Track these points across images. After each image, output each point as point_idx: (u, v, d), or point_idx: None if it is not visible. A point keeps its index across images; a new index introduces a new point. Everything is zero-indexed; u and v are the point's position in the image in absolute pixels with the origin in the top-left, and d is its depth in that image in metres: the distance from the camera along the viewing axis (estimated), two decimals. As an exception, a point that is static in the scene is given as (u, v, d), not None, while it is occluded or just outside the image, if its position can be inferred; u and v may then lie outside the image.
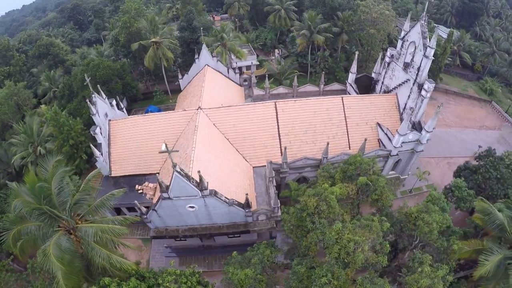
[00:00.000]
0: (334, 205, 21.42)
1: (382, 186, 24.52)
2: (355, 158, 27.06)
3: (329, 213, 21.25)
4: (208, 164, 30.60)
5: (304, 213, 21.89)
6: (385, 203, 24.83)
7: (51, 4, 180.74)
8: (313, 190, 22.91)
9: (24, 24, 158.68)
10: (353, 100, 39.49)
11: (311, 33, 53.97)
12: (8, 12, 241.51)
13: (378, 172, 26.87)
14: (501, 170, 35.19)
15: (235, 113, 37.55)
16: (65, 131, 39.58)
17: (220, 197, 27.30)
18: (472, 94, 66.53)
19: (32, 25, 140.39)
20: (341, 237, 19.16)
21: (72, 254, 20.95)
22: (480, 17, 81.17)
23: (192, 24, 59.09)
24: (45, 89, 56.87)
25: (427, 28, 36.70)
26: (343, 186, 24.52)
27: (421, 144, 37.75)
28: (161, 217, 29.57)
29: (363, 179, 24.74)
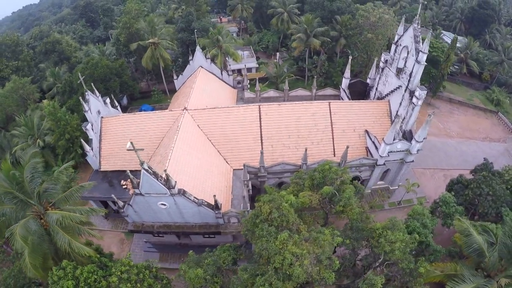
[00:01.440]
0: (287, 213, 20.48)
1: (347, 197, 23.31)
2: (323, 166, 25.87)
3: (281, 221, 20.35)
4: (185, 164, 30.81)
5: (258, 219, 21.13)
6: (350, 215, 23.51)
7: (67, 0, 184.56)
8: (269, 196, 22.09)
9: (40, 19, 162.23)
10: (341, 106, 38.20)
11: (307, 36, 52.87)
12: (26, 6, 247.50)
13: (348, 182, 25.49)
14: (494, 187, 33.19)
15: (219, 115, 37.31)
16: (62, 125, 40.85)
17: (188, 197, 27.40)
18: (478, 104, 63.94)
19: (47, 20, 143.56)
20: (285, 248, 18.18)
21: (40, 237, 22.68)
22: (490, 25, 78.19)
23: (191, 25, 59.11)
24: (50, 84, 58.15)
25: (420, 31, 35.20)
26: (306, 195, 23.58)
27: (411, 154, 36.07)
28: (136, 212, 30.16)
29: (327, 189, 23.68)
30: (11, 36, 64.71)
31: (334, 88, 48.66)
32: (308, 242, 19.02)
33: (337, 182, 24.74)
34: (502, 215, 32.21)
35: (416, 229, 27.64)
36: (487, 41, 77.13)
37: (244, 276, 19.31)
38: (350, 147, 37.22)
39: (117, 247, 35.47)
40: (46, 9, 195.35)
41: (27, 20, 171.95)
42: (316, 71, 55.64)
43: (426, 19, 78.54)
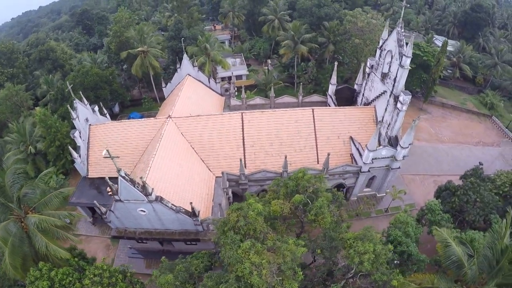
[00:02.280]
0: (253, 222, 20.11)
1: (318, 206, 22.79)
2: (296, 174, 25.33)
3: (248, 229, 20.03)
4: (166, 172, 30.93)
5: (226, 226, 20.87)
6: (322, 224, 22.89)
7: (66, 7, 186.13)
8: (237, 205, 21.84)
9: (39, 25, 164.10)
10: (325, 113, 37.65)
11: (295, 43, 52.61)
12: (25, 12, 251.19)
13: (322, 190, 24.89)
14: (482, 193, 32.34)
15: (202, 122, 37.22)
16: (53, 132, 41.25)
17: (166, 204, 27.41)
18: (471, 108, 63.16)
19: (45, 27, 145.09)
20: (247, 256, 17.85)
21: (21, 239, 24.17)
22: (484, 28, 77.70)
23: (181, 33, 59.21)
24: (43, 91, 58.45)
25: (403, 35, 34.57)
26: (278, 203, 23.08)
27: (397, 160, 35.33)
28: (119, 218, 30.36)
29: (298, 197, 23.22)
30: (6, 44, 65.42)
31: (322, 94, 48.17)
32: (271, 252, 18.58)
33: (309, 190, 24.19)
34: (491, 222, 31.34)
35: (398, 238, 26.88)
36: (480, 44, 76.61)
37: (208, 284, 19.05)
38: (335, 154, 36.84)
39: (103, 253, 35.70)
40: (45, 15, 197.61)
41: (26, 26, 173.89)
42: (305, 77, 55.22)
43: (419, 23, 78.32)
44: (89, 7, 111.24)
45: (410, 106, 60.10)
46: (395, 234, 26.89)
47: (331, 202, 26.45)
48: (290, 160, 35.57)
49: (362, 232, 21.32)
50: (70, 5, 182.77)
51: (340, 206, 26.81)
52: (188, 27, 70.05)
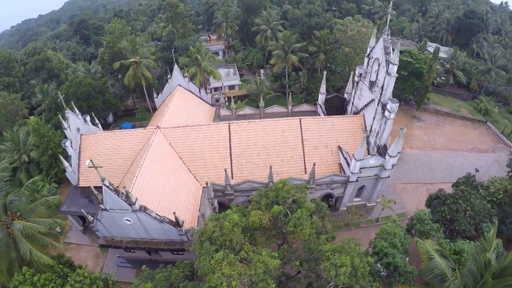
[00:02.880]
0: (228, 232, 20.03)
1: (297, 217, 22.36)
2: (276, 185, 25.04)
3: (223, 240, 19.97)
4: (153, 182, 31.12)
5: (203, 236, 20.84)
6: (301, 236, 22.42)
7: (65, 16, 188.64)
8: (215, 215, 21.91)
9: (38, 34, 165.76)
10: (313, 122, 37.38)
11: (285, 53, 52.66)
12: (25, 21, 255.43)
13: (302, 201, 24.54)
14: (472, 202, 31.73)
15: (190, 133, 37.18)
16: (45, 141, 41.53)
17: (150, 213, 27.60)
18: (466, 114, 62.75)
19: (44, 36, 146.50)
20: (219, 267, 17.85)
21: (7, 244, 25.29)
22: (477, 34, 77.76)
23: (173, 44, 59.57)
24: (39, 101, 59.01)
25: (390, 42, 34.34)
26: (256, 214, 22.86)
27: (386, 169, 34.86)
28: (106, 227, 30.56)
29: (276, 208, 22.91)
30: (3, 53, 66.20)
31: (314, 104, 48.00)
32: (244, 263, 18.43)
33: (289, 201, 23.81)
34: (483, 231, 30.55)
35: (384, 249, 26.29)
36: (474, 50, 76.58)
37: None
38: (323, 164, 36.49)
39: (92, 261, 35.88)
40: (44, 24, 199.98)
41: (26, 34, 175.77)
42: (295, 87, 55.11)
43: (412, 31, 78.47)
44: (87, 17, 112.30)
45: (403, 114, 60.37)
46: (380, 246, 26.31)
47: (315, 213, 26.01)
48: (277, 170, 35.36)
49: (340, 244, 20.82)
50: (69, 14, 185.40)
51: (324, 217, 26.20)
52: (182, 37, 70.59)
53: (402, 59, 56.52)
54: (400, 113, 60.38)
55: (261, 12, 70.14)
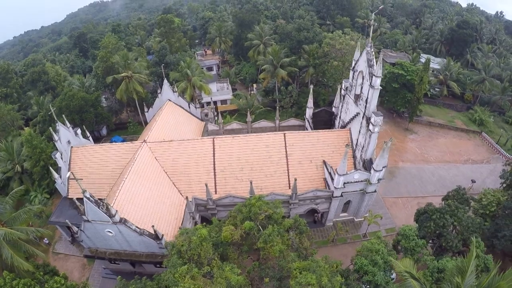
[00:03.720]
0: (196, 247, 20.21)
1: (267, 234, 22.06)
2: (250, 201, 24.88)
3: (192, 254, 20.23)
4: (136, 195, 31.43)
5: (173, 250, 21.19)
6: (271, 252, 22.09)
7: (67, 28, 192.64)
8: (185, 229, 22.32)
9: (39, 45, 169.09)
10: (297, 137, 37.08)
11: (274, 67, 52.89)
12: (27, 31, 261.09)
13: (277, 217, 24.26)
14: (460, 217, 30.77)
15: (175, 147, 37.29)
16: (38, 153, 42.16)
17: (130, 226, 27.80)
18: (460, 125, 62.05)
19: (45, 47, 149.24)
20: (182, 281, 18.21)
21: None
22: (471, 44, 77.64)
23: (164, 59, 60.29)
24: (34, 112, 59.63)
25: (373, 55, 34.09)
26: (228, 229, 22.88)
27: (371, 184, 34.27)
28: (90, 238, 30.80)
29: (247, 224, 22.91)
30: (1, 64, 67.58)
31: (303, 118, 47.83)
32: (207, 278, 18.44)
33: (261, 217, 23.56)
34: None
35: (364, 267, 25.53)
36: (468, 60, 76.32)
37: None
38: (307, 179, 36.07)
39: (78, 272, 36.23)
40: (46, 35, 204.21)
41: (27, 45, 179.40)
42: (285, 101, 55.10)
43: (405, 43, 78.64)
44: (87, 30, 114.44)
45: (396, 127, 59.94)
46: (360, 263, 25.55)
47: (292, 229, 25.54)
48: (261, 185, 35.15)
49: (308, 262, 20.26)
50: (71, 26, 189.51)
51: (302, 233, 25.70)
52: (176, 52, 71.50)
53: (393, 71, 56.67)
54: (393, 126, 60.06)
55: (254, 27, 70.85)
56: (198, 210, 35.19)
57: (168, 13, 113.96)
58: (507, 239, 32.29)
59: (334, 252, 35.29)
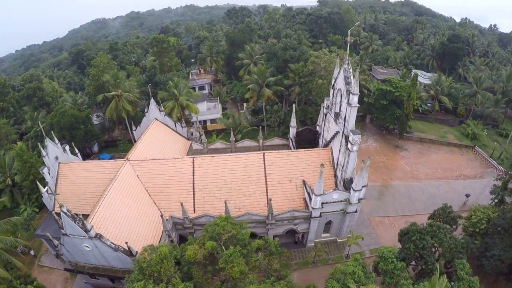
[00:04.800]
0: (155, 264, 21.04)
1: (228, 255, 22.16)
2: (215, 221, 24.89)
3: (152, 271, 21.10)
4: (115, 212, 32.05)
5: (136, 266, 21.84)
6: (231, 273, 22.07)
7: (68, 45, 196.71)
8: (152, 246, 22.88)
9: (40, 60, 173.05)
10: (276, 157, 36.76)
11: (260, 86, 53.22)
12: (29, 46, 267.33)
13: (242, 238, 24.21)
14: (441, 238, 29.52)
15: (156, 166, 37.57)
16: (27, 167, 42.95)
17: (105, 241, 28.27)
18: (452, 140, 61.27)
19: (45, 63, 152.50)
20: None
21: None
22: (462, 58, 77.56)
23: (154, 79, 61.29)
24: (28, 127, 60.67)
25: (351, 72, 33.82)
26: (192, 249, 23.26)
27: (351, 204, 33.56)
28: (69, 252, 31.45)
29: (210, 244, 23.04)
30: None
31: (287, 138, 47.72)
32: None
33: (224, 237, 23.65)
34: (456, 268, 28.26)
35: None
36: (460, 74, 76.09)
37: None
38: (286, 199, 35.59)
39: (61, 285, 36.56)
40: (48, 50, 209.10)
41: (29, 60, 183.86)
42: (271, 120, 55.11)
43: (397, 59, 78.96)
44: (86, 47, 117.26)
45: (386, 144, 59.34)
46: (331, 286, 24.66)
47: (261, 250, 25.49)
48: (239, 205, 34.91)
49: (266, 286, 19.72)
50: (72, 42, 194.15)
51: (271, 254, 25.48)
52: (168, 71, 72.75)
53: (382, 88, 56.62)
54: (383, 143, 59.46)
55: (245, 47, 71.94)
56: (176, 228, 35.17)
57: (165, 32, 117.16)
58: (496, 259, 31.06)
59: (314, 274, 34.34)
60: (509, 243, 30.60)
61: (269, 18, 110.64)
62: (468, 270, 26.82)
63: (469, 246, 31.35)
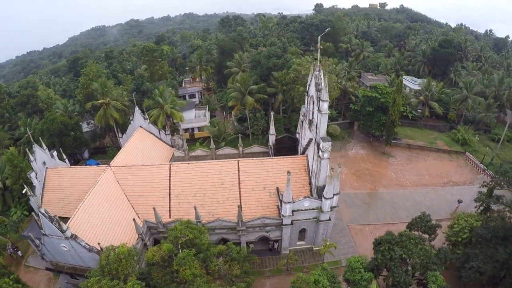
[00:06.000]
0: (112, 262, 22.72)
1: (181, 258, 22.94)
2: (176, 225, 26.14)
3: (110, 269, 22.70)
4: (94, 215, 33.37)
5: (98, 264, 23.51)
6: (184, 276, 22.77)
7: (67, 52, 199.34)
8: (113, 246, 24.36)
9: (39, 66, 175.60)
10: (250, 164, 36.62)
11: (243, 95, 53.37)
12: (30, 52, 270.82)
13: (201, 242, 25.15)
14: (410, 249, 28.16)
15: (135, 172, 38.47)
16: (17, 171, 44.33)
17: (80, 242, 29.57)
18: (442, 146, 60.39)
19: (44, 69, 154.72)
20: None
21: None
22: (454, 63, 76.86)
23: (141, 87, 61.97)
24: (21, 133, 61.88)
25: (322, 79, 33.46)
26: (152, 250, 24.46)
27: (323, 212, 33.11)
28: (50, 252, 33.16)
29: (166, 246, 24.22)
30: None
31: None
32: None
33: (180, 240, 24.54)
34: (428, 282, 27.19)
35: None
36: (452, 79, 75.36)
37: None
38: (260, 206, 35.43)
39: (44, 285, 37.30)
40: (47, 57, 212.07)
41: (28, 66, 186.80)
42: (254, 128, 55.09)
43: (387, 66, 78.67)
44: (83, 55, 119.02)
45: (373, 151, 58.74)
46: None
47: (222, 255, 26.09)
48: (213, 211, 35.12)
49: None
50: (71, 49, 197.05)
51: (232, 260, 25.91)
52: (158, 79, 73.51)
53: (367, 94, 56.34)
54: (370, 150, 58.86)
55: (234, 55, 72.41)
56: (151, 233, 35.85)
57: (161, 40, 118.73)
58: (474, 271, 29.98)
59: (287, 281, 33.40)
60: (490, 255, 29.48)
61: (263, 26, 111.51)
62: (442, 283, 25.32)
63: (448, 257, 30.46)
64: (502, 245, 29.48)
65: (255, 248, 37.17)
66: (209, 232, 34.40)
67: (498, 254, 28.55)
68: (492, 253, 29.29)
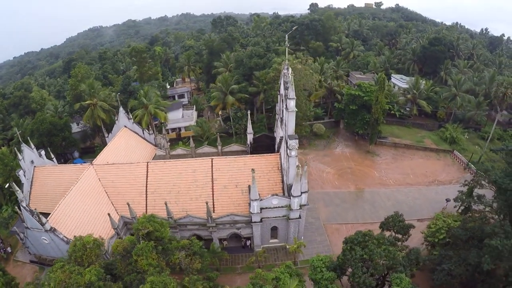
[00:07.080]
0: (78, 249, 24.93)
1: (139, 248, 24.39)
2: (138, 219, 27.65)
3: (76, 256, 24.92)
4: (74, 210, 35.01)
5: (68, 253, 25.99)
6: (141, 266, 24.15)
7: (64, 52, 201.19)
8: (79, 237, 26.10)
9: (36, 67, 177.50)
10: (224, 162, 36.93)
11: (224, 94, 53.57)
12: (27, 53, 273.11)
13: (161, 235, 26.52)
14: (371, 249, 27.33)
15: (114, 170, 39.93)
16: (8, 170, 45.96)
17: (58, 235, 31.35)
18: (429, 145, 59.79)
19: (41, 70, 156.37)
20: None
21: None
22: (444, 61, 76.11)
23: (128, 88, 62.56)
24: (14, 133, 61.99)
25: (289, 77, 33.22)
26: (117, 242, 26.20)
27: (292, 210, 33.04)
28: (33, 245, 35.19)
29: (128, 238, 26.24)
30: None
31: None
32: None
33: (141, 233, 25.77)
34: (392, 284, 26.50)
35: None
36: (442, 78, 74.61)
37: None
38: (232, 204, 35.70)
39: (31, 278, 37.09)
40: (45, 58, 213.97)
41: (25, 67, 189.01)
42: (236, 127, 55.27)
43: (377, 64, 78.22)
44: (79, 56, 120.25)
45: (358, 149, 58.44)
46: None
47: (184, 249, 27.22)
48: (186, 208, 35.74)
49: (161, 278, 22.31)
50: (68, 50, 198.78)
51: (194, 254, 26.92)
52: (148, 80, 74.11)
53: (351, 93, 56.08)
54: (354, 149, 58.51)
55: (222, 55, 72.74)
56: (127, 228, 36.87)
57: (155, 41, 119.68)
58: (445, 273, 29.14)
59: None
60: (463, 257, 28.60)
61: (255, 26, 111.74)
62: (408, 285, 24.49)
63: (420, 258, 29.79)
64: (477, 247, 28.31)
65: (228, 245, 37.31)
66: (181, 228, 35.28)
67: (470, 257, 27.52)
68: (466, 256, 28.37)
